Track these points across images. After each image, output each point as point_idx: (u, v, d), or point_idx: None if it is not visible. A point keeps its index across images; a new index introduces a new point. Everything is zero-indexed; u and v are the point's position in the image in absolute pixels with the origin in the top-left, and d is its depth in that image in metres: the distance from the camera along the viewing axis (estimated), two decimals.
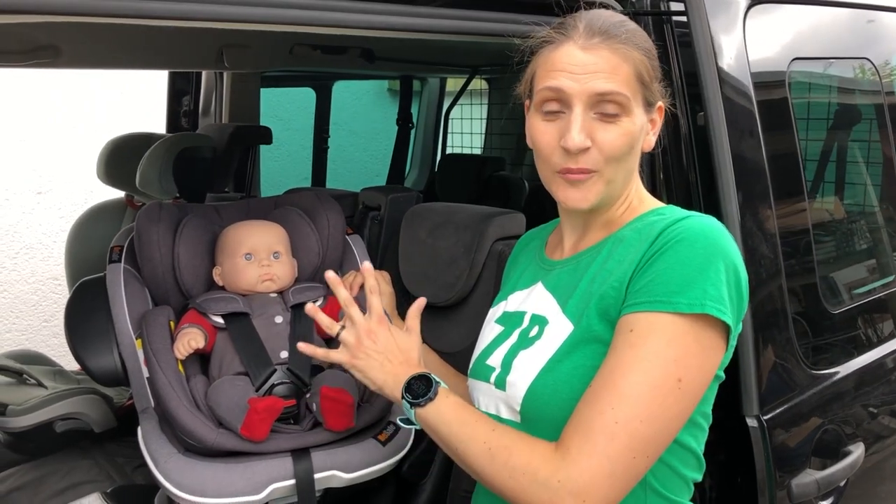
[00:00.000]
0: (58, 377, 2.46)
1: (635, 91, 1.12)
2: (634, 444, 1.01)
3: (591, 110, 1.11)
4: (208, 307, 1.57)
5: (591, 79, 1.10)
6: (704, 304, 1.03)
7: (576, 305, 1.14)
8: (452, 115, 3.89)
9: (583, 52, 1.11)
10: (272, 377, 1.49)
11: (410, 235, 1.86)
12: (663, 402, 1.03)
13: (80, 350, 1.61)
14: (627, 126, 1.11)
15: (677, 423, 1.06)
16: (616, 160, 1.12)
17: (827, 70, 1.84)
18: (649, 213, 1.18)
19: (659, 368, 1.03)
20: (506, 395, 1.17)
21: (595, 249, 1.18)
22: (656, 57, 1.17)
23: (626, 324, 1.06)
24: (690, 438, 1.14)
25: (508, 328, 1.25)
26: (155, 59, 2.62)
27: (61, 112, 4.03)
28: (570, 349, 1.12)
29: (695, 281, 1.04)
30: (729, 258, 1.07)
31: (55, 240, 4.06)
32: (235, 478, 1.36)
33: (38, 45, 1.91)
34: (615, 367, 1.04)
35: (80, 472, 2.06)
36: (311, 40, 2.34)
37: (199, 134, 2.91)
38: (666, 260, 1.06)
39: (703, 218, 1.12)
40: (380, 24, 1.31)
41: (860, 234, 1.95)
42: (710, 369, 1.08)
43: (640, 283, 1.07)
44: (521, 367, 1.16)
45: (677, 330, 1.03)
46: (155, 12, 1.10)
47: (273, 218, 1.75)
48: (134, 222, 1.67)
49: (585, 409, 1.04)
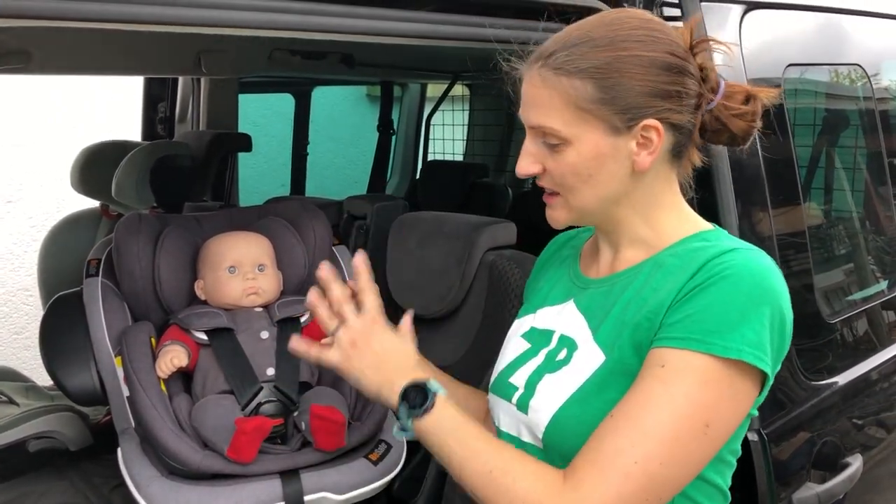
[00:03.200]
0: (30, 393, 2.39)
1: (573, 119, 1.05)
2: (650, 485, 0.97)
3: (539, 139, 1.09)
4: (191, 323, 1.52)
5: (526, 112, 1.09)
6: (741, 350, 0.98)
7: (608, 333, 1.09)
8: (434, 121, 3.87)
9: (526, 81, 1.10)
10: (259, 395, 1.45)
11: (399, 246, 1.83)
12: (686, 447, 0.98)
13: (56, 368, 1.57)
14: (570, 156, 1.07)
15: (697, 469, 1.01)
16: (571, 186, 1.09)
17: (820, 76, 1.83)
18: (693, 238, 1.12)
19: (688, 411, 0.98)
20: (528, 420, 1.13)
21: (632, 272, 1.13)
22: (639, 71, 1.05)
23: (657, 358, 1.01)
24: (717, 475, 1.10)
25: (535, 346, 1.19)
26: (130, 65, 2.58)
27: (31, 119, 3.96)
28: (603, 382, 1.06)
29: (735, 324, 0.98)
30: (776, 301, 1.01)
31: (26, 249, 3.99)
32: (222, 501, 1.32)
33: (7, 51, 1.86)
34: (642, 402, 1.00)
35: (55, 493, 1.99)
36: (291, 45, 2.31)
37: (177, 142, 2.87)
38: (707, 297, 1.00)
39: (752, 252, 1.07)
40: (362, 28, 1.28)
41: (857, 242, 1.94)
42: (740, 415, 1.03)
43: (676, 316, 1.02)
44: (546, 392, 1.11)
45: (711, 374, 0.98)
46: (132, 16, 1.06)
47: (257, 229, 1.70)
48: (110, 234, 1.63)
49: (605, 441, 1.00)
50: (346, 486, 1.40)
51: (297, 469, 1.39)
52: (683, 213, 1.16)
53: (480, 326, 1.69)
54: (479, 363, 1.53)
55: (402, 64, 3.16)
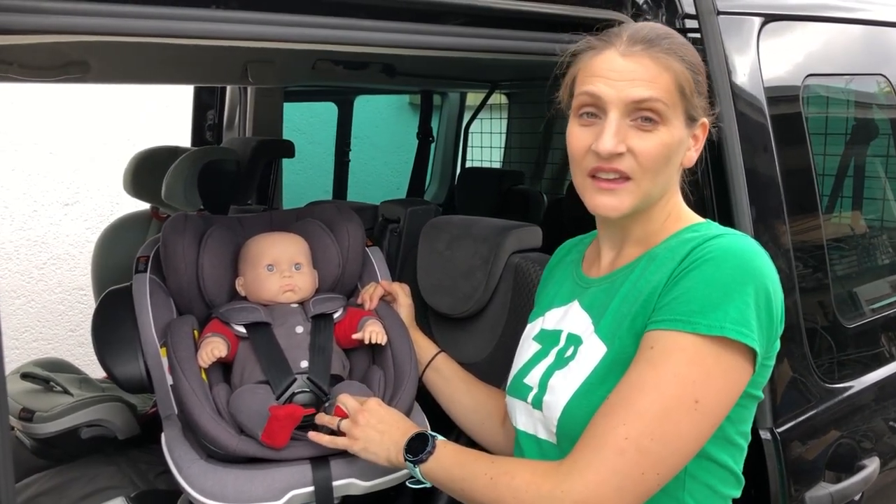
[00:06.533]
0: (83, 385, 2.49)
1: (675, 102, 1.10)
2: (644, 461, 1.01)
3: (627, 117, 1.09)
4: (231, 317, 1.59)
5: (629, 86, 1.08)
6: (724, 328, 1.01)
7: (608, 326, 1.14)
8: (472, 129, 3.92)
9: (623, 58, 1.09)
10: (292, 386, 1.50)
11: (429, 247, 1.89)
12: (678, 423, 1.02)
13: (106, 358, 1.63)
14: (664, 136, 1.09)
15: (693, 445, 1.04)
16: (652, 170, 1.10)
17: (841, 86, 1.84)
18: (685, 230, 1.16)
19: (676, 388, 1.02)
20: (542, 417, 1.18)
21: (629, 268, 1.17)
22: (703, 73, 1.15)
23: (647, 340, 1.06)
24: (728, 458, 1.13)
25: (546, 346, 1.25)
26: (181, 75, 2.67)
27: (87, 126, 4.09)
28: (606, 373, 1.11)
29: (718, 303, 1.02)
30: (760, 280, 1.05)
31: (81, 250, 4.11)
32: (255, 484, 1.38)
33: (68, 61, 1.95)
34: (633, 383, 1.04)
35: (104, 477, 2.08)
36: (334, 56, 2.38)
37: (224, 147, 2.95)
38: (692, 278, 1.05)
39: (736, 237, 1.10)
40: (402, 42, 1.33)
41: (874, 249, 1.95)
42: (732, 391, 1.06)
43: (664, 300, 1.06)
44: (557, 388, 1.16)
45: (698, 351, 1.02)
46: (185, 32, 1.13)
47: (295, 230, 1.78)
48: (159, 233, 1.70)
49: (599, 423, 1.05)
50: (373, 474, 1.44)
51: (327, 456, 1.44)
52: (682, 210, 1.21)
53: (506, 326, 1.74)
54: (505, 361, 1.57)
55: (442, 74, 3.20)
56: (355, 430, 1.30)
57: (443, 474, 1.17)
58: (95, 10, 1.05)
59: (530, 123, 3.90)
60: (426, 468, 1.18)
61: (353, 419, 1.31)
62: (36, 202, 4.08)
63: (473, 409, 1.53)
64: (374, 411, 1.31)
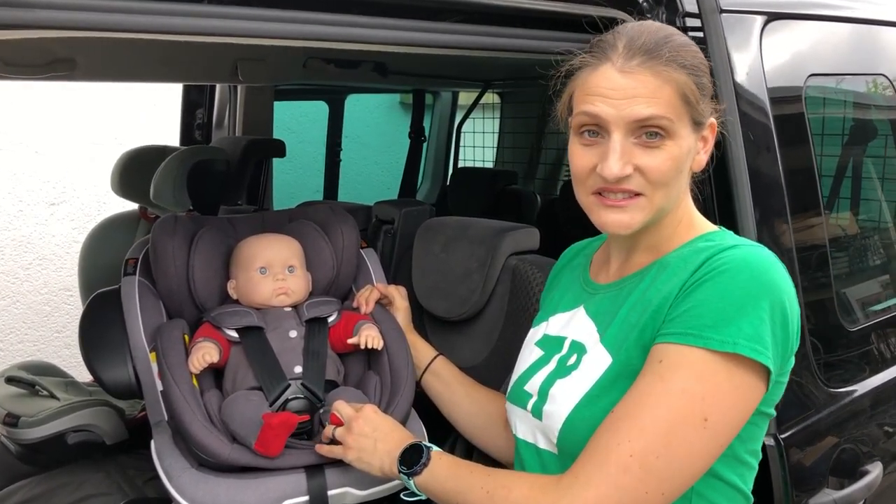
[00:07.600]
0: (70, 388, 2.46)
1: (680, 113, 1.05)
2: (648, 478, 0.98)
3: (631, 136, 1.05)
4: (223, 321, 1.56)
5: (630, 104, 1.04)
6: (737, 344, 0.98)
7: (615, 336, 1.11)
8: (464, 129, 3.90)
9: (621, 75, 1.05)
10: (286, 392, 1.48)
11: (424, 249, 1.86)
12: (685, 440, 0.98)
13: (94, 362, 1.61)
14: (672, 150, 1.05)
15: (701, 464, 1.01)
16: (664, 184, 1.06)
17: (843, 86, 1.83)
18: (698, 239, 1.13)
19: (684, 405, 0.98)
20: (542, 426, 1.15)
21: (639, 276, 1.14)
22: (707, 73, 1.11)
23: (656, 353, 1.02)
24: (736, 477, 1.10)
25: (548, 353, 1.22)
26: (170, 73, 2.64)
27: (76, 123, 4.05)
28: (610, 384, 1.08)
29: (732, 317, 0.99)
30: (776, 294, 1.01)
31: (68, 251, 4.08)
32: (248, 493, 1.35)
33: (54, 58, 1.92)
34: (639, 397, 1.01)
35: (91, 484, 2.05)
36: (325, 54, 2.35)
37: (213, 147, 2.92)
38: (705, 291, 1.01)
39: (752, 248, 1.07)
40: (394, 39, 1.31)
41: (877, 251, 1.94)
42: (743, 410, 1.03)
43: (675, 312, 1.03)
44: (558, 397, 1.13)
45: (708, 367, 0.98)
46: (174, 28, 1.10)
47: (288, 231, 1.75)
48: (148, 234, 1.67)
49: (602, 437, 1.02)
50: (368, 483, 1.42)
51: (322, 464, 1.41)
52: (693, 216, 1.17)
53: (503, 329, 1.72)
54: (502, 365, 1.56)
55: (434, 73, 3.20)
56: (349, 439, 1.28)
57: (437, 487, 1.14)
58: (81, 4, 1.03)
59: (523, 123, 3.89)
60: (420, 481, 1.16)
61: (348, 427, 1.29)
62: (21, 202, 4.04)
63: (474, 413, 1.50)
64: (370, 419, 1.28)
